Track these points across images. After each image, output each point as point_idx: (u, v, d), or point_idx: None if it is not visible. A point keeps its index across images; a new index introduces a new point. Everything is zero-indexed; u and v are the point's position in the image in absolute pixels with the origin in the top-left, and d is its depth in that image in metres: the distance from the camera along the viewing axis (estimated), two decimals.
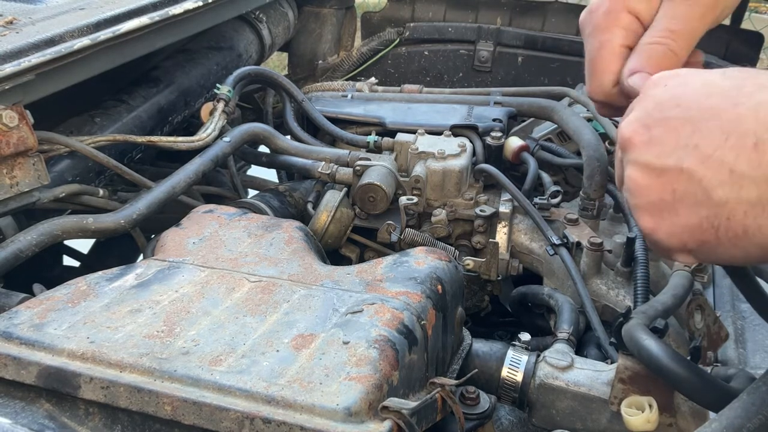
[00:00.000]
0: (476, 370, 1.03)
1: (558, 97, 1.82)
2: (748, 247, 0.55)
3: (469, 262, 1.39)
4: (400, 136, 1.55)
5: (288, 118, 1.76)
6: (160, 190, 1.28)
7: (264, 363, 0.78)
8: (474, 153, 1.57)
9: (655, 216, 0.61)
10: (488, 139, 1.60)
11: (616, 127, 0.88)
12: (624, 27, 0.71)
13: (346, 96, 1.90)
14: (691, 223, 0.58)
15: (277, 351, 0.80)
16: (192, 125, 1.79)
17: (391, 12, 2.42)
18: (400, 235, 1.39)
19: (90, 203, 1.30)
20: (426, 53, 2.34)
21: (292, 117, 1.76)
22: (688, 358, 0.82)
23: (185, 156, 1.43)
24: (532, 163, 1.59)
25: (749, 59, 2.05)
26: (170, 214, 1.32)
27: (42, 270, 1.49)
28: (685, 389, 0.78)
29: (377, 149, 1.60)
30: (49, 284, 1.01)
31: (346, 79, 2.21)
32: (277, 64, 3.33)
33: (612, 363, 1.02)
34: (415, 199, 1.42)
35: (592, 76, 0.74)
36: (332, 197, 1.42)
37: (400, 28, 2.36)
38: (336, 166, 1.50)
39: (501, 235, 1.44)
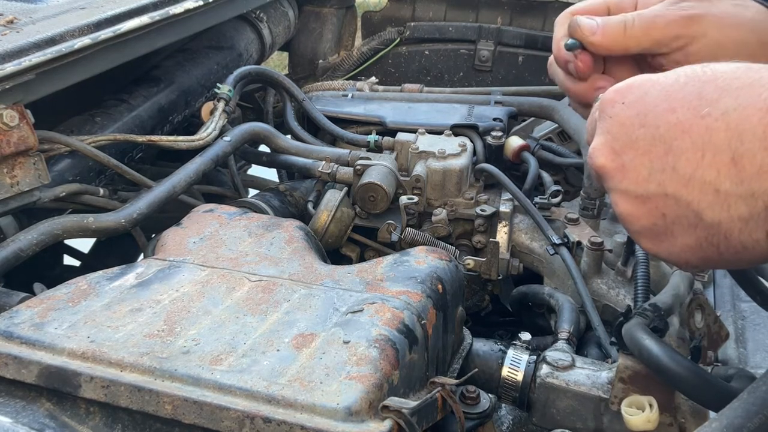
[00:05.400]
0: (476, 369, 1.03)
1: (558, 97, 1.82)
2: (751, 258, 0.54)
3: (470, 261, 1.39)
4: (401, 136, 1.54)
5: (288, 118, 1.75)
6: (160, 190, 1.28)
7: (264, 362, 0.78)
8: (474, 152, 1.57)
9: (653, 239, 0.59)
10: (489, 139, 1.60)
11: None
12: None
13: (347, 95, 1.90)
14: (689, 243, 0.56)
15: (278, 350, 0.80)
16: (192, 125, 1.79)
17: (391, 11, 2.42)
18: (401, 234, 1.39)
19: (90, 203, 1.30)
20: (426, 53, 2.34)
21: (292, 116, 1.76)
22: (689, 357, 0.82)
23: (186, 155, 1.43)
24: (532, 163, 1.59)
25: None
26: (171, 213, 1.32)
27: (42, 269, 1.49)
28: (685, 389, 0.78)
29: (378, 149, 1.60)
30: (50, 283, 1.01)
31: (347, 79, 2.21)
32: (277, 63, 3.32)
33: (612, 362, 1.02)
34: (416, 199, 1.42)
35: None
36: (333, 197, 1.42)
37: (400, 28, 2.36)
38: (336, 166, 1.50)
39: (501, 234, 1.43)
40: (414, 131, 1.57)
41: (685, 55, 0.69)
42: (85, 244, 1.80)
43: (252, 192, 1.68)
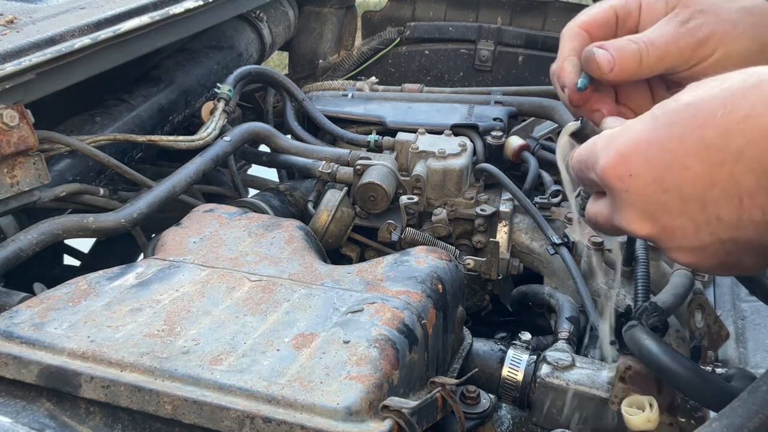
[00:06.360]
0: (476, 369, 1.03)
1: (558, 97, 1.82)
2: None
3: (470, 261, 1.39)
4: (401, 136, 1.55)
5: (288, 118, 1.76)
6: (160, 190, 1.28)
7: (264, 362, 0.78)
8: (474, 152, 1.57)
9: (725, 270, 0.60)
10: (489, 139, 1.60)
11: None
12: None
13: (347, 95, 1.90)
14: (760, 262, 0.58)
15: (278, 350, 0.80)
16: (192, 124, 1.79)
17: (391, 11, 2.42)
18: (401, 234, 1.39)
19: (90, 202, 1.30)
20: (426, 52, 2.34)
21: (292, 116, 1.76)
22: (689, 357, 0.82)
23: (186, 155, 1.43)
24: (532, 163, 1.59)
25: None
26: (171, 213, 1.32)
27: (42, 269, 1.49)
28: (685, 388, 0.78)
29: (378, 148, 1.60)
30: (50, 283, 1.01)
31: (347, 79, 2.21)
32: (277, 63, 3.33)
33: (613, 362, 1.02)
34: (416, 199, 1.42)
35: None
36: (333, 196, 1.42)
37: (400, 28, 2.36)
38: (336, 166, 1.50)
39: (501, 234, 1.43)
40: (414, 131, 1.57)
41: (693, 73, 0.69)
42: (85, 244, 1.80)
43: (252, 192, 1.68)
